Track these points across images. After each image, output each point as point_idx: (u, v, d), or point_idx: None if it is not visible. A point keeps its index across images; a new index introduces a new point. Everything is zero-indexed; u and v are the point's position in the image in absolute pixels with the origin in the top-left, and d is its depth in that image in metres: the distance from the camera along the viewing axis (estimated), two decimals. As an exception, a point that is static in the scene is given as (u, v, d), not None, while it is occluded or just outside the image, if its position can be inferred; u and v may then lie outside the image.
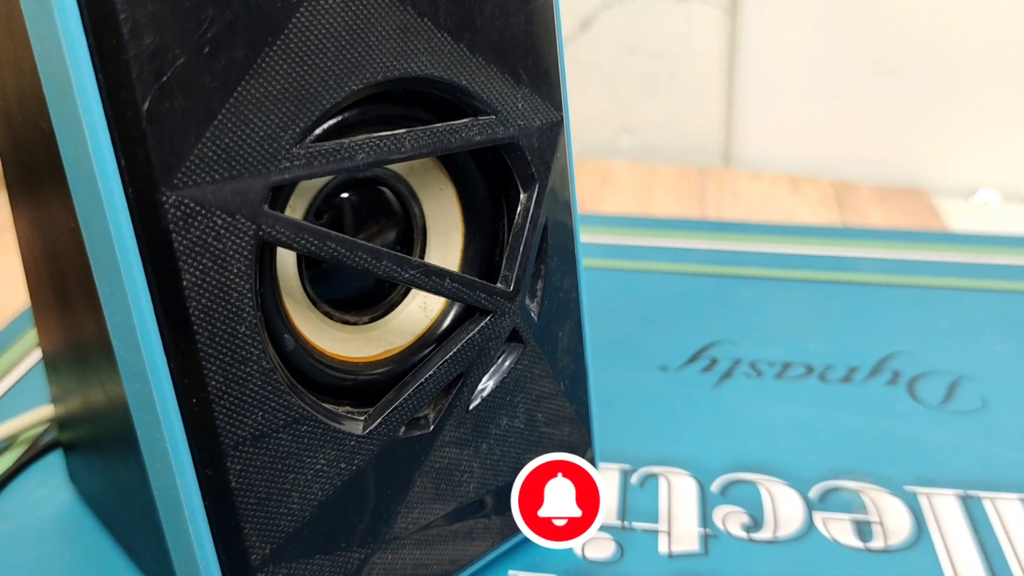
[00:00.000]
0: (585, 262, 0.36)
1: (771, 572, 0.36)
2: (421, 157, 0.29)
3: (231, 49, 0.24)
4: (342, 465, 0.29)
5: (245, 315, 0.26)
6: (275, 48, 0.25)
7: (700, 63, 0.86)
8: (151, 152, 0.23)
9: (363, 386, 0.31)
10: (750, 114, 0.86)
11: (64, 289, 0.30)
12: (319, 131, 0.27)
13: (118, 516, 0.36)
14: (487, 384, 0.33)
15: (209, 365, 0.25)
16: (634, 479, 0.42)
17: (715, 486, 0.41)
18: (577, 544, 0.38)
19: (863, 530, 0.39)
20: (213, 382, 0.25)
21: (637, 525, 0.39)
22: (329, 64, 0.26)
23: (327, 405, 0.29)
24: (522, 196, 0.33)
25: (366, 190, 0.31)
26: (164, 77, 0.23)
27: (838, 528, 0.39)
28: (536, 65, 0.32)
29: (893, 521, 0.39)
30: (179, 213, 0.24)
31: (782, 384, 0.49)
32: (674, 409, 0.47)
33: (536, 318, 0.34)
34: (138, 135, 0.23)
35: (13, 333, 0.55)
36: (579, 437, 0.37)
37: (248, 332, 0.26)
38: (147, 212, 0.23)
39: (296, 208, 0.29)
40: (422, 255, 0.33)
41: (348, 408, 0.30)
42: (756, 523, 0.39)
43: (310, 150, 0.26)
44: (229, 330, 0.25)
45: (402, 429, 0.31)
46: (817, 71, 0.83)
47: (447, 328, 0.33)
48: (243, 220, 0.25)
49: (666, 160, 0.90)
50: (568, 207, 0.35)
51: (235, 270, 0.25)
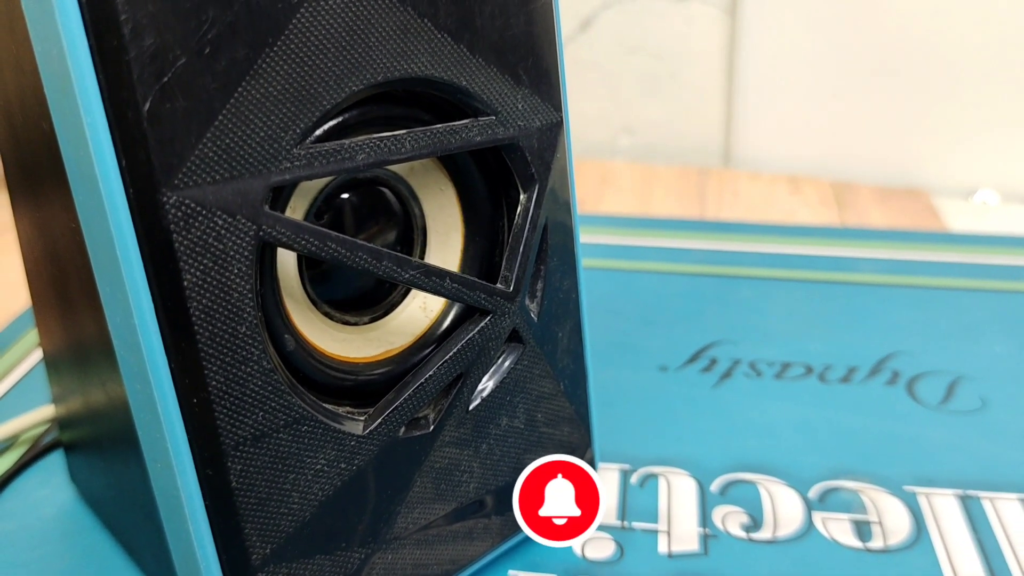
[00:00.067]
0: (585, 262, 0.36)
1: (771, 572, 0.36)
2: (421, 158, 0.29)
3: (232, 50, 0.24)
4: (342, 465, 0.29)
5: (246, 315, 0.26)
6: (276, 49, 0.25)
7: (700, 63, 0.86)
8: (152, 153, 0.23)
9: (363, 386, 0.31)
10: (750, 114, 0.86)
11: (65, 289, 0.30)
12: (319, 132, 0.27)
13: (119, 516, 0.36)
14: (487, 384, 0.33)
15: (210, 365, 0.25)
16: (634, 479, 0.42)
17: (715, 486, 0.41)
18: (577, 543, 0.38)
19: (862, 530, 0.39)
20: (214, 382, 0.25)
21: (637, 525, 0.39)
22: (330, 65, 0.26)
23: (327, 405, 0.29)
24: (522, 196, 0.33)
25: (366, 191, 0.31)
26: (165, 78, 0.23)
27: (837, 528, 0.39)
28: (536, 66, 0.32)
29: (892, 521, 0.39)
30: (180, 213, 0.24)
31: (782, 384, 0.49)
32: (674, 409, 0.47)
33: (536, 318, 0.34)
34: (139, 136, 0.23)
35: (14, 333, 0.55)
36: (579, 437, 0.37)
37: (249, 332, 0.26)
38: (148, 212, 0.23)
39: (296, 209, 0.29)
40: (422, 255, 0.33)
41: (348, 408, 0.30)
42: (756, 523, 0.39)
43: (311, 151, 0.26)
44: (230, 330, 0.25)
45: (402, 429, 0.31)
46: (817, 71, 0.84)
47: (447, 328, 0.33)
48: (244, 220, 0.25)
49: (666, 160, 0.90)
50: (568, 207, 0.35)
51: (236, 270, 0.25)
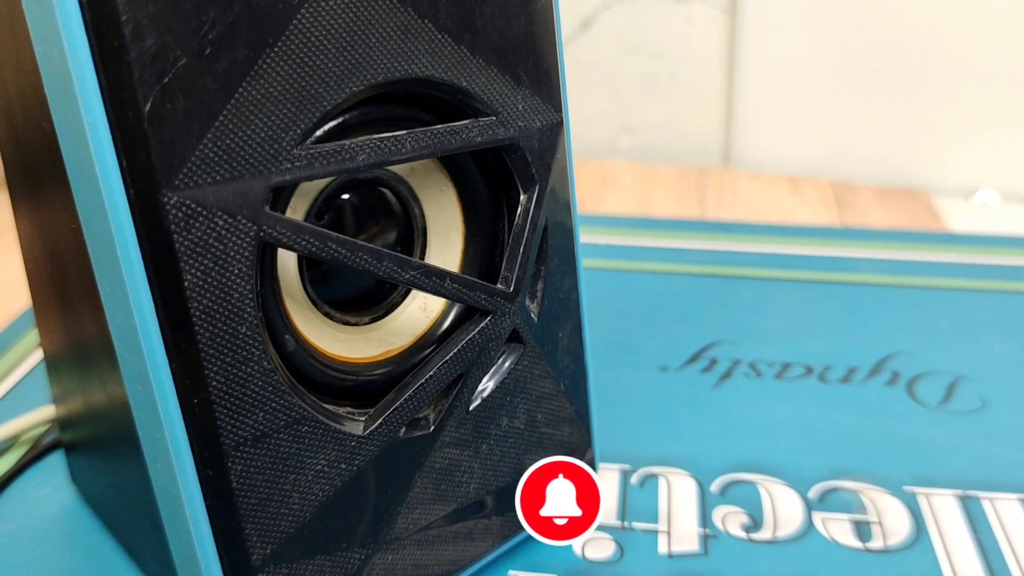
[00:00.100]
0: (585, 262, 0.36)
1: (770, 572, 0.36)
2: (422, 158, 0.29)
3: (232, 50, 0.24)
4: (343, 466, 0.29)
5: (246, 316, 0.26)
6: (276, 49, 0.25)
7: (700, 63, 0.86)
8: (153, 153, 0.23)
9: (364, 387, 0.31)
10: (750, 114, 0.86)
11: (65, 290, 0.30)
12: (320, 132, 0.27)
13: (119, 516, 0.36)
14: (487, 385, 0.33)
15: (210, 365, 0.25)
16: (634, 479, 0.42)
17: (715, 486, 0.41)
18: (577, 543, 0.38)
19: (862, 530, 0.39)
20: (214, 382, 0.25)
21: (637, 525, 0.39)
22: (330, 65, 0.26)
23: (328, 406, 0.29)
24: (522, 197, 0.33)
25: (367, 191, 0.31)
26: (166, 78, 0.23)
27: (837, 528, 0.39)
28: (536, 66, 0.32)
29: (892, 521, 0.39)
30: (180, 214, 0.24)
31: (782, 384, 0.49)
32: (674, 409, 0.47)
33: (536, 319, 0.34)
34: (140, 136, 0.23)
35: (14, 334, 0.55)
36: (579, 437, 0.37)
37: (249, 333, 0.26)
38: (148, 213, 0.23)
39: (297, 209, 0.29)
40: (422, 256, 0.33)
41: (349, 409, 0.30)
42: (756, 523, 0.39)
43: (311, 151, 0.26)
44: (230, 331, 0.25)
45: (402, 430, 0.31)
46: (817, 71, 0.84)
47: (447, 329, 0.33)
48: (244, 221, 0.25)
49: (666, 160, 0.90)
50: (568, 208, 0.35)
51: (236, 271, 0.25)
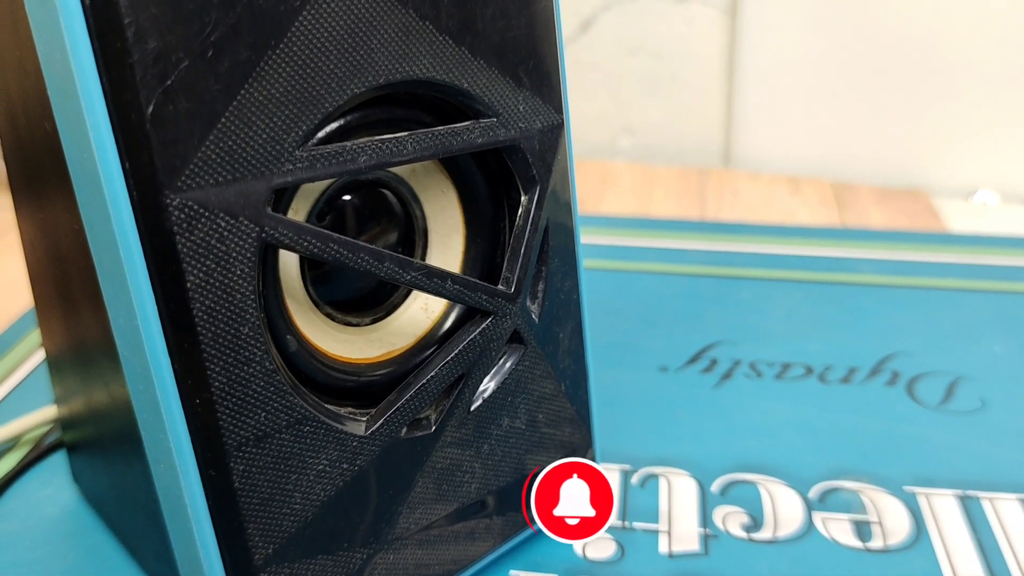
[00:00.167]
0: (585, 263, 0.36)
1: (771, 572, 0.37)
2: (423, 160, 0.29)
3: (235, 52, 0.24)
4: (344, 466, 0.29)
5: (248, 316, 0.26)
6: (278, 51, 0.25)
7: (700, 64, 0.86)
8: (155, 155, 0.23)
9: (365, 387, 0.31)
10: (750, 114, 0.87)
11: (68, 290, 0.30)
12: (322, 134, 0.27)
13: (121, 516, 0.36)
14: (488, 385, 0.33)
15: (212, 366, 0.25)
16: (634, 479, 0.42)
17: (715, 486, 0.41)
18: (578, 543, 0.38)
19: (862, 530, 0.39)
20: (216, 383, 0.25)
21: (637, 525, 0.39)
22: (332, 67, 0.26)
23: (329, 406, 0.29)
24: (523, 198, 0.33)
25: (368, 192, 0.31)
26: (168, 80, 0.23)
27: (837, 528, 0.39)
28: (537, 68, 0.32)
29: (892, 521, 0.39)
30: (183, 215, 0.24)
31: (782, 385, 0.49)
32: (674, 409, 0.47)
33: (537, 319, 0.34)
34: (142, 138, 0.23)
35: (17, 334, 0.55)
36: (580, 437, 0.37)
37: (251, 333, 0.26)
38: (151, 214, 0.24)
39: (298, 210, 0.29)
40: (423, 257, 0.33)
41: (350, 409, 0.30)
42: (756, 523, 0.39)
43: (313, 153, 0.26)
44: (232, 331, 0.25)
45: (404, 430, 0.31)
46: (817, 71, 0.84)
47: (448, 329, 0.33)
48: (246, 222, 0.25)
49: (666, 161, 0.90)
50: (569, 209, 0.35)
51: (238, 272, 0.25)
